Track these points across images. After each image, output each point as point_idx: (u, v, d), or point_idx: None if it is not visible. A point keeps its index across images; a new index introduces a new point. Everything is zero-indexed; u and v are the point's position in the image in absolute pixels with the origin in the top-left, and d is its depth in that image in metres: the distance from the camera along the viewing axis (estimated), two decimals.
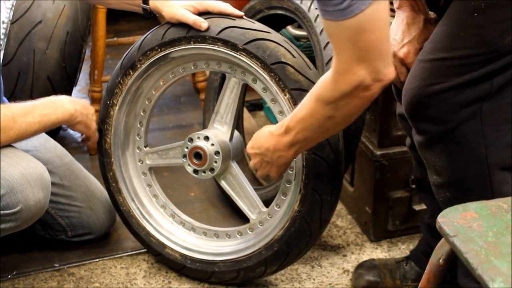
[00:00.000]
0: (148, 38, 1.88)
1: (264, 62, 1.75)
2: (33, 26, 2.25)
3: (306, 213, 1.81)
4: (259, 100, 3.01)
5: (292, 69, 1.75)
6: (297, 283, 2.02)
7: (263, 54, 1.75)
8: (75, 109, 1.87)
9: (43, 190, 1.77)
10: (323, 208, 1.81)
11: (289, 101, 1.75)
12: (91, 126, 1.94)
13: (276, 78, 1.75)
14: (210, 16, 1.80)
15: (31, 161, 1.78)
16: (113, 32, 3.42)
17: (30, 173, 1.74)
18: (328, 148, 1.76)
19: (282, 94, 1.76)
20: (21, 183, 1.72)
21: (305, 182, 1.79)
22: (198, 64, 1.90)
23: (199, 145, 1.89)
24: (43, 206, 1.79)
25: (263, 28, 1.80)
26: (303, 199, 1.80)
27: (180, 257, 1.99)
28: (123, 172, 2.03)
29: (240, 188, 1.95)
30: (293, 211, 1.82)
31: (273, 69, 1.75)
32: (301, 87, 1.74)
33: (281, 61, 1.75)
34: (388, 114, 2.07)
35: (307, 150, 1.75)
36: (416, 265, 1.93)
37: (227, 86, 1.89)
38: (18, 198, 1.72)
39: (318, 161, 1.76)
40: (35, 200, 1.74)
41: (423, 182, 1.77)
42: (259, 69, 1.77)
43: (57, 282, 2.00)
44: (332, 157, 1.77)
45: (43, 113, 1.79)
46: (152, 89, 1.97)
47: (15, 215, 1.73)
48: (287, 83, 1.74)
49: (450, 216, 1.23)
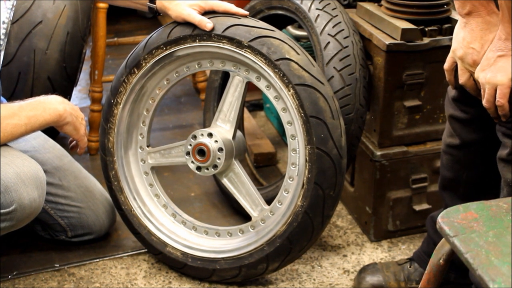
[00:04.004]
0: (153, 37, 1.90)
1: (269, 58, 1.78)
2: (33, 26, 2.25)
3: (308, 207, 1.81)
4: (259, 100, 3.02)
5: (296, 65, 1.78)
6: (297, 283, 2.02)
7: (268, 51, 1.78)
8: (65, 109, 1.85)
9: (37, 189, 1.77)
10: (326, 203, 1.82)
11: (293, 96, 1.78)
12: (80, 129, 1.91)
13: (280, 74, 1.78)
14: (215, 15, 1.84)
15: (25, 160, 1.78)
16: (113, 32, 3.43)
17: (24, 172, 1.74)
18: (331, 143, 1.78)
19: (286, 90, 1.78)
20: (15, 182, 1.72)
21: (308, 177, 1.80)
22: (203, 63, 1.92)
23: (203, 141, 1.90)
24: (38, 205, 1.78)
25: (267, 26, 1.84)
26: (305, 194, 1.81)
27: (181, 255, 2.00)
28: (125, 171, 2.04)
29: (242, 186, 1.96)
30: (295, 206, 1.83)
31: (278, 65, 1.78)
32: (305, 82, 1.77)
33: (286, 57, 1.78)
34: (388, 114, 2.07)
35: (310, 145, 1.76)
36: (420, 266, 1.92)
37: (231, 84, 1.91)
38: (13, 198, 1.72)
39: (321, 155, 1.78)
40: (29, 199, 1.74)
41: (452, 182, 1.77)
42: (264, 66, 1.80)
43: (57, 282, 2.00)
44: (335, 152, 1.79)
45: (30, 115, 1.76)
46: (156, 88, 1.99)
47: (10, 214, 1.73)
48: (291, 78, 1.77)
49: (450, 216, 1.23)
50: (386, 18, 2.05)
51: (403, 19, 2.03)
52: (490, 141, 1.63)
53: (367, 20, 2.13)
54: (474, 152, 1.70)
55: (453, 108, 1.69)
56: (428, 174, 2.15)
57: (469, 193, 1.76)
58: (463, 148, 1.71)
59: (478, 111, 1.59)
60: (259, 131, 2.76)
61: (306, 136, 1.79)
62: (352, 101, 2.00)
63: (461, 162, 1.73)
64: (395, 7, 2.05)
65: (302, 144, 1.81)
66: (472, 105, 1.63)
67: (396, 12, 2.05)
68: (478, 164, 1.72)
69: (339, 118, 1.82)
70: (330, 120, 1.78)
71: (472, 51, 1.50)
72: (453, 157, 1.75)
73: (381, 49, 2.00)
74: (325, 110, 1.78)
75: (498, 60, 1.43)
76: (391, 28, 2.01)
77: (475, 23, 1.49)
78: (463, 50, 1.51)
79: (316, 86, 1.78)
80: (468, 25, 1.50)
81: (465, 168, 1.74)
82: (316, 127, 1.77)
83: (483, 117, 1.59)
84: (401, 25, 1.99)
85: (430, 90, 2.07)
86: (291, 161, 1.86)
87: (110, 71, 3.22)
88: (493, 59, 1.44)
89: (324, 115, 1.78)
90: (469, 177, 1.75)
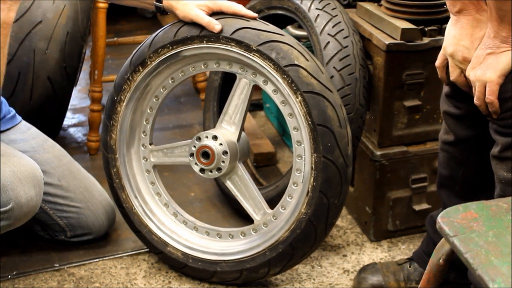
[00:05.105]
0: (160, 36, 1.87)
1: (277, 64, 1.76)
2: (33, 26, 2.25)
3: (312, 215, 1.80)
4: (259, 100, 3.01)
5: (305, 72, 1.75)
6: (297, 283, 2.02)
7: (277, 56, 1.76)
8: None
9: (35, 188, 1.76)
10: (330, 211, 1.81)
11: (301, 104, 1.76)
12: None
13: (289, 80, 1.76)
14: (223, 17, 1.81)
15: (22, 158, 1.78)
16: (113, 32, 3.43)
17: (21, 171, 1.74)
18: (337, 152, 1.76)
19: (294, 97, 1.76)
20: (12, 181, 1.72)
21: (313, 185, 1.79)
22: (209, 64, 1.90)
23: (208, 144, 1.89)
24: (35, 204, 1.78)
25: (277, 30, 1.81)
26: (310, 202, 1.80)
27: (181, 256, 1.99)
28: (127, 169, 2.03)
29: (245, 189, 1.95)
30: (299, 213, 1.82)
31: (286, 71, 1.75)
32: (313, 90, 1.75)
33: (295, 63, 1.75)
34: (388, 114, 2.07)
35: (317, 153, 1.75)
36: (420, 266, 1.92)
37: (237, 87, 1.89)
38: (9, 196, 1.71)
39: (327, 164, 1.77)
40: (26, 198, 1.74)
41: (449, 179, 1.77)
42: (272, 71, 1.77)
43: (57, 282, 2.00)
44: (341, 161, 1.78)
45: None
46: (160, 87, 1.97)
47: (7, 213, 1.73)
48: (299, 85, 1.75)
49: (450, 216, 1.23)
50: (386, 18, 2.04)
51: (403, 19, 2.03)
52: (484, 138, 1.63)
53: (367, 20, 2.13)
54: (469, 148, 1.70)
55: (447, 104, 1.69)
56: (428, 174, 2.15)
57: (465, 190, 1.76)
58: (458, 144, 1.71)
59: (470, 107, 1.60)
60: (259, 131, 2.76)
61: (312, 144, 1.77)
62: (352, 101, 2.00)
63: (456, 159, 1.73)
64: (395, 7, 2.05)
65: (308, 151, 1.79)
66: (464, 101, 1.64)
67: (396, 12, 2.05)
68: (473, 161, 1.72)
69: (347, 126, 1.80)
70: (337, 129, 1.77)
71: (462, 48, 1.52)
72: (449, 154, 1.75)
73: (381, 49, 2.00)
74: (332, 119, 1.76)
75: (487, 57, 1.45)
76: (391, 28, 2.01)
77: (465, 21, 1.51)
78: (453, 47, 1.53)
79: (325, 94, 1.76)
80: (458, 23, 1.52)
81: (460, 165, 1.74)
82: (323, 135, 1.75)
83: (476, 113, 1.59)
84: (401, 25, 1.99)
85: (430, 90, 2.07)
86: (296, 166, 1.84)
87: (110, 71, 3.22)
88: (482, 57, 1.46)
89: (331, 124, 1.76)
90: (465, 175, 1.75)
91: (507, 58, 1.42)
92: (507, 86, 1.44)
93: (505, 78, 1.44)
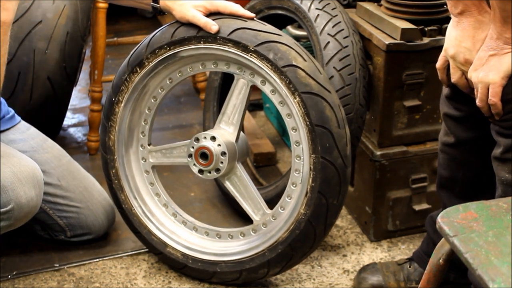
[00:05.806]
0: (157, 36, 1.87)
1: (275, 64, 1.75)
2: (33, 26, 2.25)
3: (311, 216, 1.80)
4: (259, 100, 3.01)
5: (303, 73, 1.75)
6: (297, 283, 2.01)
7: (274, 57, 1.75)
8: None
9: (35, 188, 1.76)
10: (329, 212, 1.81)
11: (298, 104, 1.76)
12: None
13: (286, 81, 1.76)
14: (221, 17, 1.80)
15: (22, 159, 1.78)
16: (113, 32, 3.43)
17: (21, 172, 1.74)
18: (336, 153, 1.76)
19: (292, 97, 1.76)
20: (12, 182, 1.71)
21: (312, 185, 1.79)
22: (207, 64, 1.90)
23: (206, 145, 1.89)
24: (35, 204, 1.78)
25: (274, 30, 1.80)
26: (309, 202, 1.80)
27: (181, 256, 1.99)
28: (126, 170, 2.03)
29: (244, 189, 1.95)
30: (298, 214, 1.82)
31: (284, 72, 1.75)
32: (311, 90, 1.75)
33: (292, 64, 1.75)
34: (388, 114, 2.07)
35: (315, 154, 1.75)
36: (419, 266, 1.92)
37: (235, 87, 1.89)
38: (10, 197, 1.71)
39: (326, 165, 1.76)
40: (26, 198, 1.74)
41: (449, 181, 1.77)
42: (270, 71, 1.77)
43: (57, 282, 2.00)
44: (340, 162, 1.77)
45: None
46: (158, 88, 1.97)
47: (7, 214, 1.73)
48: (297, 86, 1.75)
49: (450, 216, 1.23)
50: (386, 18, 2.04)
51: (403, 19, 2.03)
52: (485, 140, 1.63)
53: (367, 20, 2.13)
54: (470, 150, 1.70)
55: (447, 106, 1.69)
56: (428, 174, 2.15)
57: (466, 192, 1.76)
58: (458, 146, 1.71)
59: (471, 109, 1.60)
60: (259, 131, 2.76)
61: (311, 145, 1.77)
62: (351, 101, 1.99)
63: (457, 160, 1.73)
64: (395, 7, 2.05)
65: (307, 152, 1.79)
66: (465, 103, 1.63)
67: (396, 12, 2.05)
68: (474, 162, 1.72)
69: (345, 127, 1.80)
70: (336, 130, 1.76)
71: (464, 50, 1.51)
72: (449, 155, 1.75)
73: (381, 49, 2.00)
74: (331, 119, 1.76)
75: (490, 59, 1.44)
76: (391, 28, 2.01)
77: (467, 22, 1.50)
78: (455, 49, 1.52)
79: (323, 95, 1.76)
80: (460, 24, 1.51)
81: (461, 167, 1.74)
82: (322, 136, 1.75)
83: (476, 115, 1.59)
84: (401, 25, 1.99)
85: (430, 90, 2.07)
86: (295, 167, 1.84)
87: (110, 71, 3.21)
88: (485, 58, 1.45)
89: (330, 124, 1.76)
90: (465, 176, 1.75)
91: (510, 60, 1.42)
92: (510, 87, 1.44)
93: (508, 80, 1.44)
